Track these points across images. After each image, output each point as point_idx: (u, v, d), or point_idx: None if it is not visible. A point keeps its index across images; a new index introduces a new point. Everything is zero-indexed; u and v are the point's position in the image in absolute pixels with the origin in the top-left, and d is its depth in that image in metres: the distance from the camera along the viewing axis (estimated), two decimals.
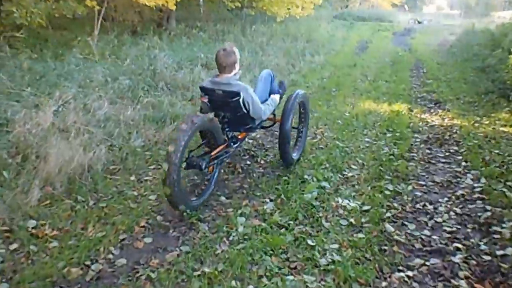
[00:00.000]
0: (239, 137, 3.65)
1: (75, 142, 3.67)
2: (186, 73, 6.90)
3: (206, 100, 3.22)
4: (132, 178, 3.63)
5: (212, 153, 3.21)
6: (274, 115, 3.91)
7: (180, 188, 2.83)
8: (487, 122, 5.64)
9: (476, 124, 5.57)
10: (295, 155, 3.95)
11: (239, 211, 3.16)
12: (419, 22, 25.65)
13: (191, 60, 7.84)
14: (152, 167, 3.90)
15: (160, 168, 3.82)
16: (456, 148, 4.70)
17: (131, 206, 3.16)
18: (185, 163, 3.01)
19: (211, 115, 3.16)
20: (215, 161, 3.25)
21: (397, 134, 5.08)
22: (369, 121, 5.65)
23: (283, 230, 2.94)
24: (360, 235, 2.92)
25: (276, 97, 3.80)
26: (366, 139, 4.94)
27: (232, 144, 3.49)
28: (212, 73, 7.58)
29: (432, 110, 6.41)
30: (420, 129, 5.43)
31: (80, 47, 7.41)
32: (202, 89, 3.26)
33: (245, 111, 3.23)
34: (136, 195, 3.36)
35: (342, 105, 6.47)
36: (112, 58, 7.05)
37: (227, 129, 3.43)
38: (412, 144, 4.79)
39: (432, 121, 5.81)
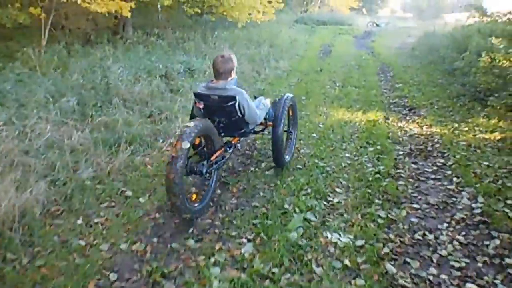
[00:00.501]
0: (233, 142, 3.69)
1: (6, 180, 2.97)
2: (144, 86, 6.24)
3: (201, 106, 3.20)
4: (79, 221, 2.97)
5: (212, 158, 3.20)
6: (266, 119, 3.87)
7: (184, 196, 2.79)
8: (466, 129, 5.35)
9: (456, 132, 5.26)
10: (287, 158, 4.01)
11: (212, 259, 2.60)
12: (377, 25, 25.94)
13: (149, 71, 7.17)
14: (104, 205, 3.24)
15: (114, 206, 3.20)
16: (442, 160, 4.34)
17: (77, 263, 2.51)
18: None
19: (207, 120, 3.12)
20: (214, 166, 3.23)
21: (379, 147, 4.67)
22: (346, 133, 5.22)
23: (267, 283, 2.40)
24: (359, 281, 2.43)
25: (267, 101, 3.86)
26: (347, 155, 4.49)
27: (227, 149, 3.55)
28: (173, 84, 6.99)
29: (408, 118, 6.08)
30: (401, 139, 5.05)
31: (24, 59, 6.58)
32: (197, 95, 3.23)
33: (240, 115, 3.25)
34: (83, 245, 2.71)
35: (314, 116, 6.03)
36: (59, 71, 6.27)
37: (222, 134, 3.46)
38: (396, 159, 4.38)
39: (411, 129, 5.46)
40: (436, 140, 5.00)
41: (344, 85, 8.37)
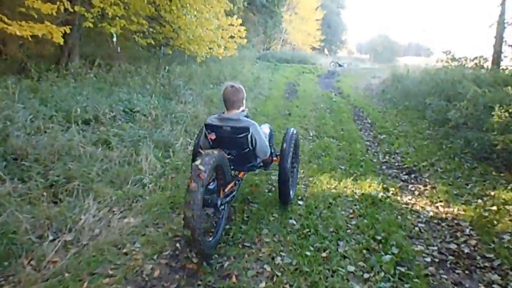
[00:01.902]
0: (239, 176, 3.50)
1: None
2: (51, 137, 4.32)
3: (213, 137, 3.04)
4: None
5: (226, 190, 3.06)
6: (272, 153, 3.57)
7: (202, 230, 2.60)
8: (495, 209, 3.80)
9: (485, 213, 3.69)
10: (291, 193, 3.69)
11: None
12: (339, 65, 25.26)
13: (69, 113, 5.25)
14: None
15: None
16: (496, 277, 2.69)
17: None
18: None
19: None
20: (227, 198, 3.08)
21: (395, 252, 2.96)
22: (340, 220, 3.50)
23: None
24: None
25: (266, 128, 3.75)
26: (350, 274, 2.73)
27: (237, 182, 3.38)
28: (100, 133, 5.10)
29: (411, 187, 4.48)
30: (418, 230, 3.40)
31: None
32: (209, 126, 3.08)
33: (251, 148, 3.10)
34: None
35: None
36: None
37: (232, 167, 3.18)
38: (427, 275, 2.69)
39: (424, 210, 3.84)
40: (466, 231, 3.40)
41: (319, 135, 6.78)
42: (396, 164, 5.36)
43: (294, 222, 3.41)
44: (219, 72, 12.05)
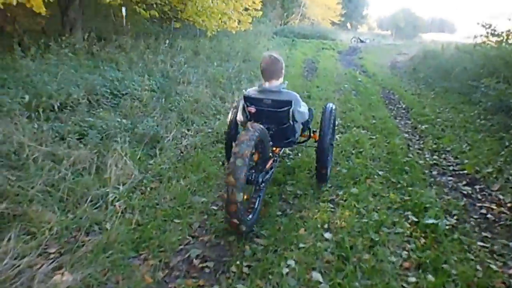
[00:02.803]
0: (276, 152, 3.23)
1: None
2: None
3: (253, 111, 2.84)
4: None
5: (267, 166, 2.88)
6: (309, 129, 3.42)
7: (244, 209, 2.44)
8: None
9: None
10: (328, 173, 3.37)
11: None
12: (361, 41, 23.48)
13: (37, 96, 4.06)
14: None
15: None
16: None
17: None
18: None
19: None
20: (267, 175, 2.85)
21: None
22: (391, 276, 2.23)
23: None
24: None
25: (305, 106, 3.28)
26: None
27: (276, 159, 3.17)
28: (56, 128, 3.89)
29: (481, 207, 3.17)
30: None
31: None
32: (248, 98, 2.88)
33: (291, 122, 2.91)
34: None
35: (312, 212, 3.05)
36: None
37: (270, 143, 2.87)
38: None
39: None
40: None
41: (346, 125, 5.45)
42: (451, 168, 4.02)
43: (320, 279, 2.17)
44: (230, 48, 10.66)
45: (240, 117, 3.08)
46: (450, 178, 3.78)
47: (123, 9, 10.16)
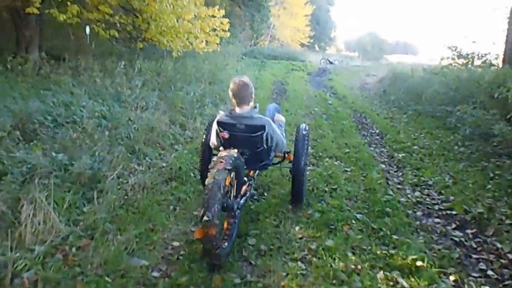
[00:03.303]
0: (250, 175, 3.14)
1: None
2: None
3: (227, 136, 2.80)
4: None
5: (242, 192, 2.80)
6: (288, 152, 3.29)
7: (219, 240, 2.33)
8: None
9: None
10: (304, 192, 3.39)
11: None
12: (330, 63, 23.48)
13: None
14: None
15: None
16: None
17: None
18: None
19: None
20: (242, 201, 2.76)
21: None
22: None
23: None
24: None
25: (282, 118, 3.50)
26: None
27: (251, 183, 3.06)
28: None
29: (478, 260, 2.66)
30: None
31: None
32: (221, 123, 2.82)
33: (265, 146, 2.86)
34: None
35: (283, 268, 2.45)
36: None
37: (244, 167, 2.80)
38: None
39: None
40: None
41: (318, 155, 4.93)
42: (437, 207, 3.52)
43: None
44: (195, 69, 10.09)
45: (213, 141, 3.00)
46: (437, 220, 3.28)
47: (87, 28, 9.53)
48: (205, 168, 2.87)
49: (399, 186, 4.00)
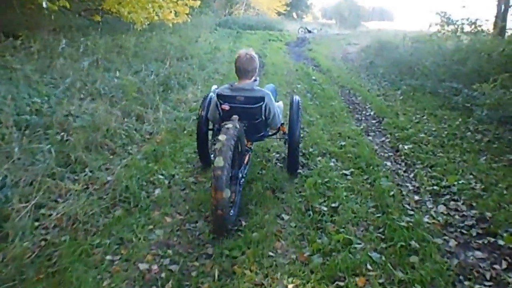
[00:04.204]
0: (248, 146, 3.13)
1: None
2: None
3: (228, 108, 2.81)
4: None
5: (245, 161, 2.94)
6: (282, 123, 3.28)
7: (228, 208, 2.39)
8: None
9: None
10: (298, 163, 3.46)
11: None
12: (309, 31, 22.19)
13: None
14: None
15: None
16: None
17: None
18: None
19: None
20: (245, 170, 2.95)
21: None
22: None
23: None
24: None
25: (280, 103, 3.46)
26: None
27: (250, 153, 3.23)
28: None
29: None
30: None
31: None
32: (221, 96, 2.84)
33: (263, 118, 2.90)
34: None
35: None
36: None
37: (244, 137, 2.89)
38: None
39: None
40: None
41: (309, 153, 3.93)
42: (474, 232, 2.59)
43: None
44: (162, 44, 8.79)
45: (211, 114, 3.03)
46: (480, 254, 2.36)
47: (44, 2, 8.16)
48: (201, 142, 3.23)
49: (416, 198, 3.05)
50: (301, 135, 4.37)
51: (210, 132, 3.30)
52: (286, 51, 14.70)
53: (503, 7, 9.89)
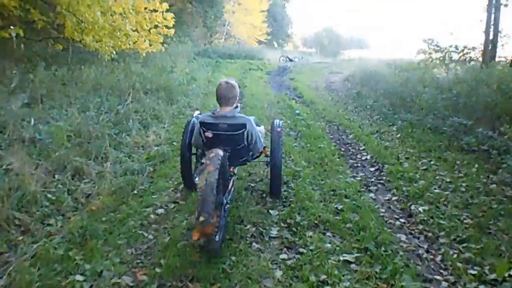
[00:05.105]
0: (231, 171, 3.13)
1: None
2: None
3: (211, 135, 2.84)
4: None
5: (228, 187, 2.90)
6: (265, 146, 3.26)
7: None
8: None
9: None
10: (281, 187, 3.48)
11: None
12: (290, 60, 21.63)
13: None
14: None
15: None
16: None
17: None
18: None
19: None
20: (229, 196, 2.92)
21: None
22: None
23: None
24: None
25: (262, 128, 3.43)
26: None
27: (234, 178, 3.22)
28: None
29: None
30: None
31: None
32: (204, 124, 2.86)
33: (246, 143, 2.93)
34: None
35: None
36: None
37: (228, 164, 2.91)
38: None
39: None
40: None
41: (295, 221, 2.90)
42: None
43: None
44: (125, 76, 7.77)
45: (194, 141, 3.03)
46: None
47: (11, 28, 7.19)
48: (185, 167, 3.32)
49: None
50: (286, 194, 3.37)
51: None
52: (267, 80, 13.89)
53: (491, 34, 9.30)
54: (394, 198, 3.45)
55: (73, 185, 3.35)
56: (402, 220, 3.03)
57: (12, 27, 6.90)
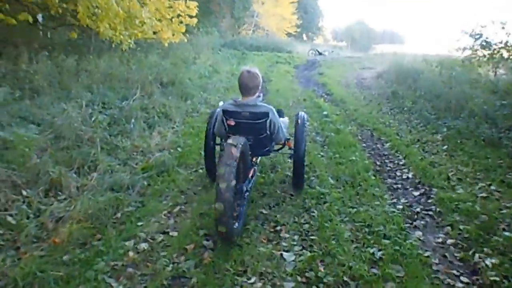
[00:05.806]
0: (254, 160, 3.13)
1: None
2: None
3: (233, 123, 2.78)
4: None
5: (249, 175, 2.87)
6: (288, 139, 3.19)
7: (232, 220, 2.36)
8: None
9: None
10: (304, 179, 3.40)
11: None
12: (320, 54, 20.57)
13: None
14: None
15: None
16: None
17: None
18: None
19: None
20: (250, 184, 2.87)
21: None
22: None
23: None
24: None
25: (286, 119, 3.47)
26: None
27: (255, 167, 3.16)
28: None
29: None
30: None
31: None
32: (226, 112, 2.79)
33: (268, 133, 2.86)
34: None
35: None
36: None
37: (249, 152, 2.86)
38: None
39: None
40: None
41: (317, 271, 2.11)
42: None
43: None
44: (147, 65, 7.13)
45: (217, 129, 2.98)
46: None
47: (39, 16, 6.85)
48: (209, 157, 3.28)
49: None
50: (307, 228, 2.58)
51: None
52: (294, 75, 13.01)
53: None
54: (449, 241, 2.59)
55: (44, 204, 2.69)
56: (465, 280, 2.19)
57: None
